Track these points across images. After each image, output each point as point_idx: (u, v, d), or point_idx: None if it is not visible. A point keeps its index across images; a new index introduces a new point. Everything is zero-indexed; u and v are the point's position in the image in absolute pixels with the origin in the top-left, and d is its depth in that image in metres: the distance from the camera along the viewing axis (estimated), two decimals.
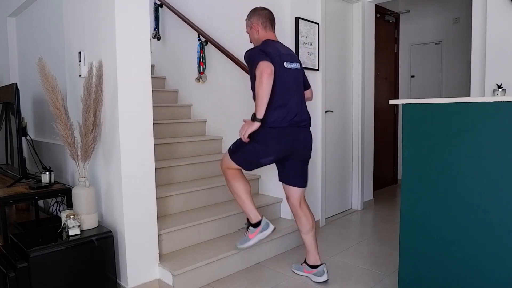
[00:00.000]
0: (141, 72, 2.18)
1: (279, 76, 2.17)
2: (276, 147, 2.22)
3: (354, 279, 2.42)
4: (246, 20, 2.41)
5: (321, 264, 2.41)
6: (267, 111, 2.14)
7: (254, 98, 2.15)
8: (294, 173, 2.37)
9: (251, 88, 2.24)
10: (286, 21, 3.10)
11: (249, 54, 2.22)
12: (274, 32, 2.39)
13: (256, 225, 2.34)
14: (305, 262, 2.48)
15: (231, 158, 2.33)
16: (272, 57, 2.16)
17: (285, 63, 2.23)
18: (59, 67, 2.65)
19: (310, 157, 2.41)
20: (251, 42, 2.43)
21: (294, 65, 2.29)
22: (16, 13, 3.54)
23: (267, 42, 2.28)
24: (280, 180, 2.43)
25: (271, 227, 2.35)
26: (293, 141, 2.25)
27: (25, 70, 3.53)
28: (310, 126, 2.37)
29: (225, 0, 3.59)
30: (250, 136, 2.21)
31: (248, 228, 2.39)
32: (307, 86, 2.47)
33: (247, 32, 2.42)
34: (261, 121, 2.14)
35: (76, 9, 2.41)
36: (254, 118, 2.14)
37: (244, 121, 2.26)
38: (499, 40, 2.71)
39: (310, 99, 2.54)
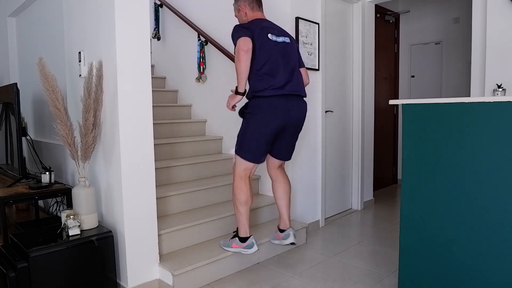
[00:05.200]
0: (141, 72, 2.18)
1: (263, 46, 2.23)
2: (271, 115, 2.24)
3: (354, 279, 2.42)
4: (233, 4, 2.44)
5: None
6: (255, 81, 2.24)
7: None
8: (282, 147, 2.43)
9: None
10: (286, 21, 3.10)
11: (232, 32, 2.26)
12: (263, 12, 2.43)
13: (243, 240, 2.39)
14: (278, 229, 2.60)
15: (239, 155, 2.34)
16: (253, 30, 2.22)
17: (269, 35, 2.27)
18: (59, 67, 2.65)
19: (301, 128, 2.44)
20: None
21: (282, 39, 2.33)
22: (16, 13, 3.54)
23: (253, 20, 2.34)
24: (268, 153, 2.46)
25: (254, 248, 2.38)
26: (287, 111, 2.27)
27: (25, 70, 3.53)
28: (304, 96, 2.38)
29: (225, 0, 3.59)
30: (244, 114, 2.32)
31: (234, 237, 2.44)
32: (300, 64, 2.47)
33: (235, 16, 2.46)
34: (251, 93, 2.25)
35: (76, 9, 2.41)
36: (236, 91, 2.26)
37: (231, 91, 2.36)
38: (499, 40, 2.71)
39: (307, 80, 2.51)
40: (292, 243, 2.51)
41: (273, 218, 3.13)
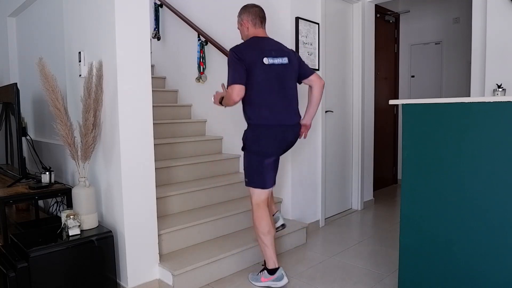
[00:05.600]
0: (141, 72, 2.18)
1: (259, 74, 2.19)
2: (268, 142, 2.24)
3: (354, 279, 2.42)
4: (237, 17, 2.43)
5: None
6: (251, 109, 2.22)
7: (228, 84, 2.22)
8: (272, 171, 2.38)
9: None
10: (286, 21, 3.10)
11: (229, 56, 2.22)
12: (264, 29, 2.40)
13: (272, 272, 2.30)
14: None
15: (249, 185, 2.31)
16: (249, 58, 2.18)
17: (264, 59, 2.20)
18: (59, 67, 2.65)
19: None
20: (242, 39, 2.44)
21: (279, 60, 2.25)
22: (16, 13, 3.54)
23: (252, 39, 2.31)
24: None
25: (285, 280, 2.29)
26: (283, 140, 2.29)
27: (25, 70, 3.53)
28: (298, 122, 2.37)
29: (225, 0, 3.60)
30: (245, 148, 2.30)
31: (263, 270, 2.36)
32: (308, 73, 2.38)
33: (238, 28, 2.44)
34: (247, 121, 2.28)
35: (76, 9, 2.41)
36: (221, 101, 2.32)
37: (222, 86, 2.36)
38: (499, 40, 2.71)
39: (321, 81, 2.39)
40: (283, 225, 2.51)
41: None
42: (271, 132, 2.23)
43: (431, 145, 1.77)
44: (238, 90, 2.16)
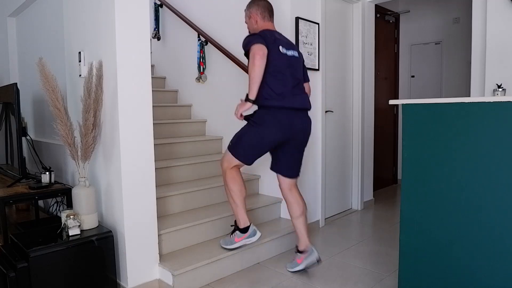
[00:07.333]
0: (141, 72, 2.18)
1: (274, 59, 2.21)
2: (274, 128, 2.24)
3: (354, 279, 2.42)
4: (245, 10, 2.44)
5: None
6: (262, 93, 2.21)
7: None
8: (288, 162, 2.41)
9: None
10: (286, 21, 3.10)
11: (246, 40, 2.25)
12: (273, 23, 2.42)
13: (244, 230, 2.41)
14: (297, 251, 2.52)
15: (232, 153, 2.34)
16: (267, 40, 2.20)
17: (280, 48, 2.26)
18: (59, 67, 2.65)
19: (306, 143, 2.43)
20: (249, 33, 2.44)
21: (291, 52, 2.32)
22: (16, 13, 3.54)
23: (264, 31, 2.31)
24: (272, 168, 2.47)
25: (258, 234, 2.43)
26: (290, 125, 2.28)
27: (25, 70, 3.53)
28: (309, 110, 2.38)
29: (225, 0, 3.60)
30: (248, 121, 2.30)
31: (234, 231, 2.45)
32: (306, 79, 2.48)
33: (245, 22, 2.45)
34: (257, 102, 2.22)
35: (76, 9, 2.41)
36: (246, 98, 2.22)
37: (240, 100, 2.33)
38: (499, 40, 2.71)
39: (308, 94, 2.52)
40: (319, 260, 2.44)
41: (273, 218, 3.13)
42: (283, 115, 2.23)
43: (431, 145, 1.77)
44: (260, 46, 2.11)
